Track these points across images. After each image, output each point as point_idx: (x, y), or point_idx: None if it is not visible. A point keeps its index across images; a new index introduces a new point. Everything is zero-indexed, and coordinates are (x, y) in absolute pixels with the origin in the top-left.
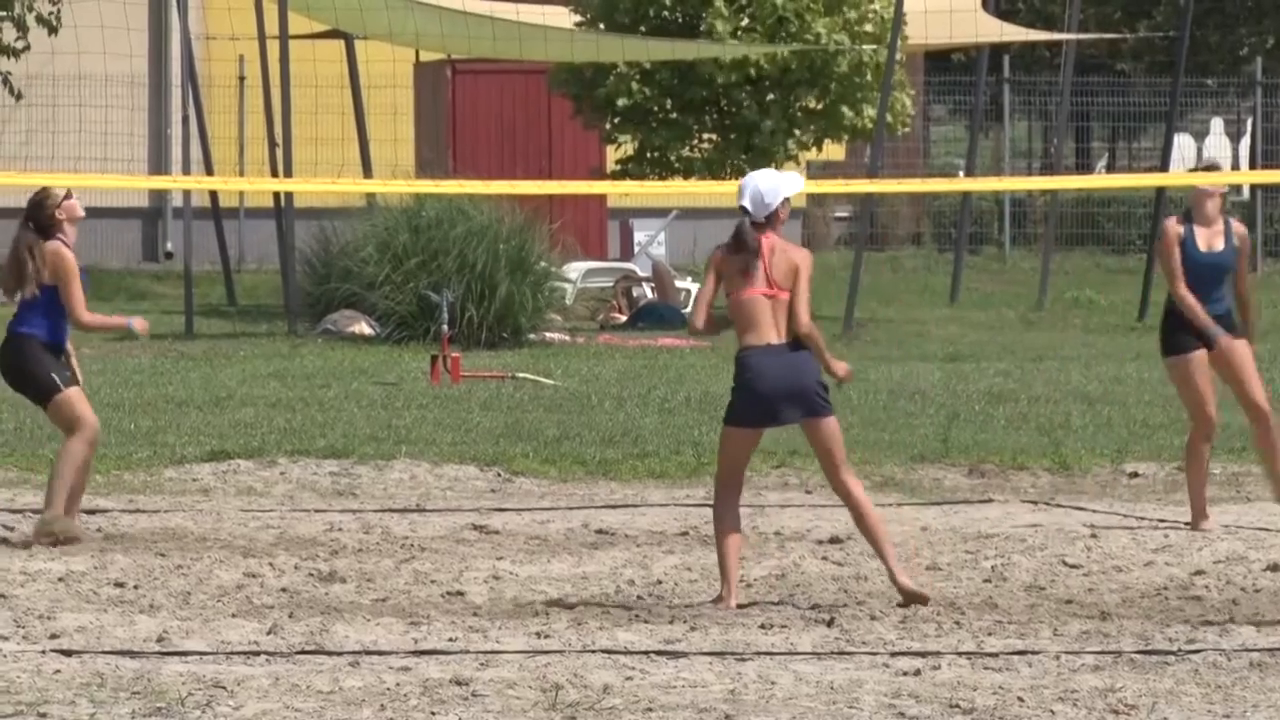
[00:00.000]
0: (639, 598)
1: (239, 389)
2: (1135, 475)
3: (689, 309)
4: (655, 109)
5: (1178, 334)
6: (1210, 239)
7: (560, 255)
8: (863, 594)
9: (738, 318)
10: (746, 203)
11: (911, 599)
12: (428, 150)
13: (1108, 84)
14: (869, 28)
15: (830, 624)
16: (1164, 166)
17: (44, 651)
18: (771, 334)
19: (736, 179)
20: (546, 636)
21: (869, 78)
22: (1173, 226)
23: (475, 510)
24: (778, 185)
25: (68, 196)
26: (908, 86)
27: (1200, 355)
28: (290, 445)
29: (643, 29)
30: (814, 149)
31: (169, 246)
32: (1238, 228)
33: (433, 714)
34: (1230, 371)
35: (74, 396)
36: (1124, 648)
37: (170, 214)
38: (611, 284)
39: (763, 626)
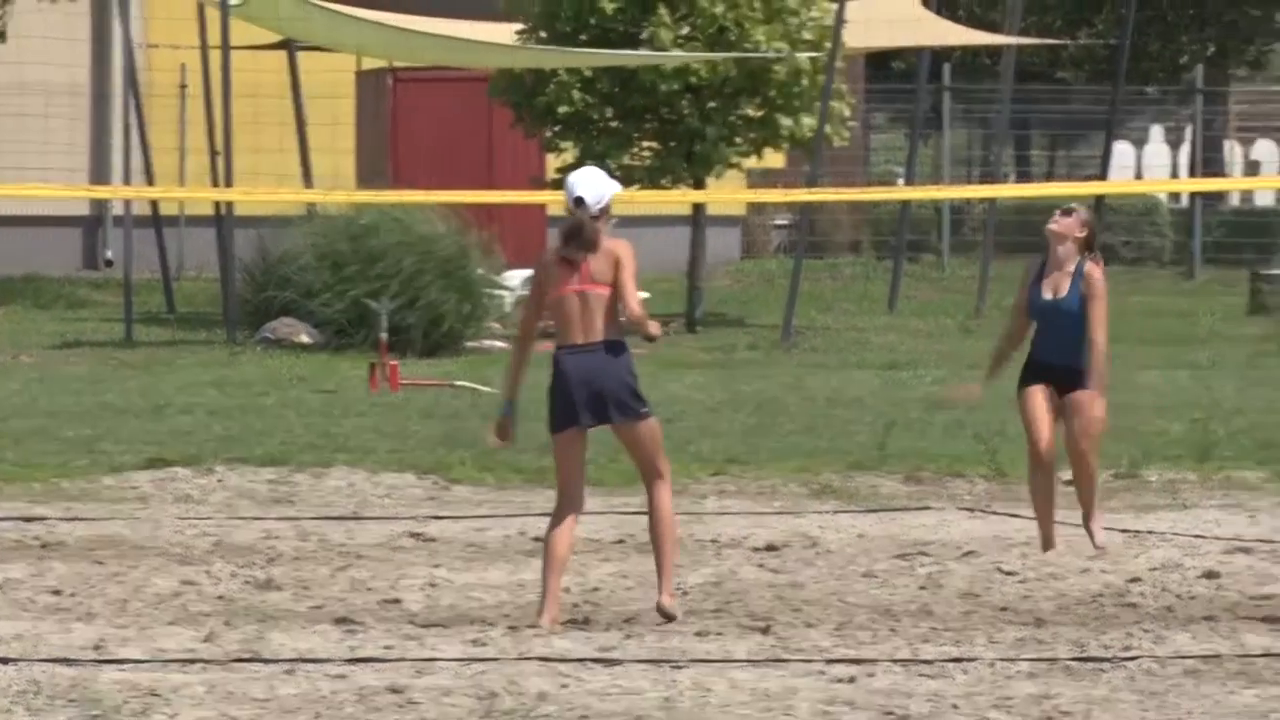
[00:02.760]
0: (575, 605)
1: (177, 397)
2: (1071, 483)
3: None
4: (596, 117)
5: None
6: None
7: (499, 263)
8: (799, 601)
9: (555, 316)
10: (584, 194)
11: (665, 616)
12: (368, 160)
13: (1048, 92)
14: (808, 35)
15: (766, 631)
16: (1103, 174)
17: None
18: (579, 333)
19: (677, 187)
20: (482, 644)
21: (806, 84)
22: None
23: (412, 518)
24: (607, 181)
25: None
26: (847, 95)
27: None
28: (228, 453)
29: (584, 37)
30: (754, 157)
31: (109, 254)
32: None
33: None
34: None
35: None
36: (1059, 655)
37: (110, 222)
38: None
39: (699, 634)
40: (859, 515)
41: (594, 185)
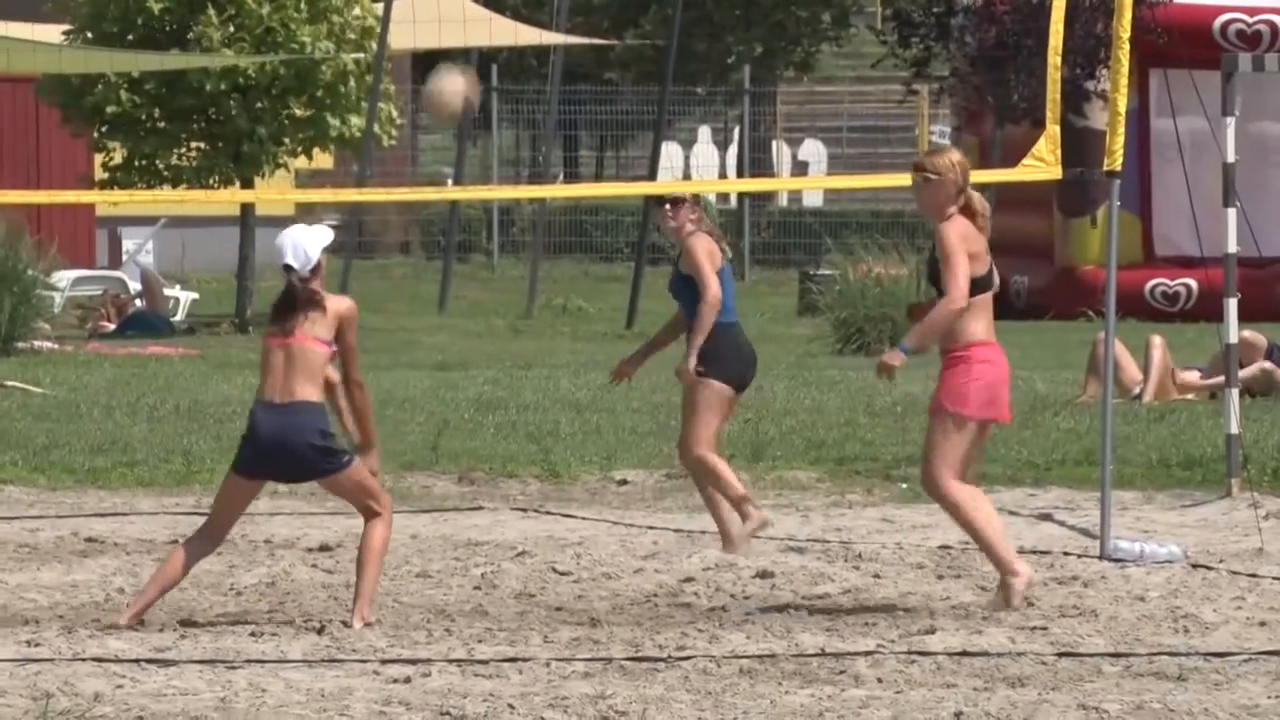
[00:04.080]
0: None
1: None
2: (624, 482)
3: (178, 317)
4: (144, 117)
5: None
6: None
7: (48, 263)
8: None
9: (262, 364)
10: (291, 261)
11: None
12: None
13: (595, 92)
14: (352, 35)
15: (321, 631)
16: (652, 175)
17: None
18: (276, 390)
19: (225, 187)
20: (37, 645)
21: (353, 85)
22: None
23: None
24: (314, 237)
25: None
26: (395, 96)
27: None
28: None
29: (131, 38)
30: (303, 158)
31: None
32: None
33: None
34: None
35: None
36: (614, 654)
37: None
38: (100, 292)
39: (253, 634)
40: (412, 515)
41: (299, 249)
